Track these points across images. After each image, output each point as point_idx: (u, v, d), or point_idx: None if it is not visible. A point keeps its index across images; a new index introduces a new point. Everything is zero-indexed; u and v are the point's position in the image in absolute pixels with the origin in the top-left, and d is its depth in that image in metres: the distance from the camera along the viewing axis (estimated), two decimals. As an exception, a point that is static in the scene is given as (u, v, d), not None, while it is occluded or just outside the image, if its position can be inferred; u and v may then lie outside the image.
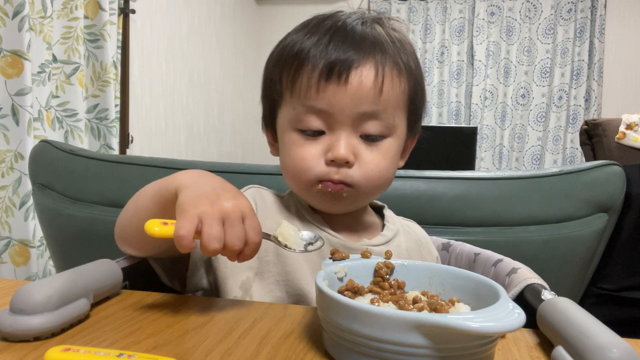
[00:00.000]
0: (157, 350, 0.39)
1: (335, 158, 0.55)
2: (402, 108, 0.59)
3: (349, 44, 0.55)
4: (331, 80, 0.54)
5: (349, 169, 0.57)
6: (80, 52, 1.94)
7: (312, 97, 0.56)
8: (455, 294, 0.44)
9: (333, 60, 0.54)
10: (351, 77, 0.54)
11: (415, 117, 0.63)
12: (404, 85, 0.58)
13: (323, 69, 0.55)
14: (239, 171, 1.00)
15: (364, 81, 0.54)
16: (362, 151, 0.57)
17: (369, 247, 0.62)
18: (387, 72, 0.56)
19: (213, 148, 3.33)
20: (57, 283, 0.42)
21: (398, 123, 0.59)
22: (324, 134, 0.57)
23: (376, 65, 0.55)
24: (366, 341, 0.35)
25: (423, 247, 0.69)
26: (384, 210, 0.70)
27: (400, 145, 0.61)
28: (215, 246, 0.43)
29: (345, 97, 0.54)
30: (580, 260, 1.01)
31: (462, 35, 3.74)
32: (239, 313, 0.47)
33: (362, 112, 0.55)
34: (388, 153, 0.58)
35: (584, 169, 1.01)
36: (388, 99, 0.56)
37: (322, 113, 0.56)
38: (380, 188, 0.61)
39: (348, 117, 0.55)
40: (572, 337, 0.37)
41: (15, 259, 1.69)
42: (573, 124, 3.59)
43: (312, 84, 0.55)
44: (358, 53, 0.55)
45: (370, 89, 0.55)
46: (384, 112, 0.56)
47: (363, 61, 0.55)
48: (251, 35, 3.87)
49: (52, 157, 1.10)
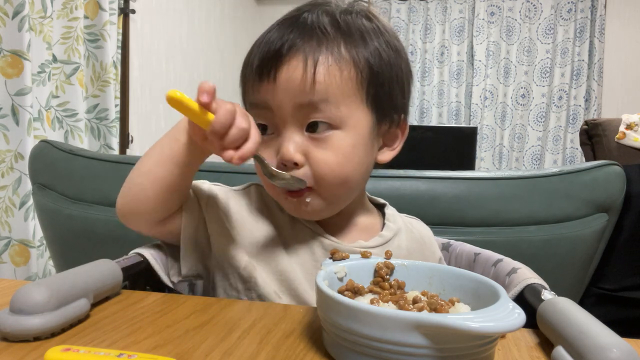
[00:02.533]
0: (157, 350, 0.39)
1: (282, 160, 0.55)
2: (352, 97, 0.55)
3: (285, 34, 0.55)
4: (262, 78, 0.55)
5: (299, 171, 0.55)
6: (80, 52, 1.94)
7: (251, 94, 0.58)
8: (455, 294, 0.44)
9: (263, 57, 0.55)
10: (279, 73, 0.54)
11: (386, 104, 0.59)
12: (349, 73, 0.55)
13: (255, 68, 0.56)
14: (239, 171, 1.00)
15: (292, 74, 0.54)
16: (311, 150, 0.55)
17: (366, 249, 0.60)
18: (321, 61, 0.53)
19: (213, 148, 3.33)
20: (57, 283, 0.42)
21: (348, 115, 0.55)
22: (274, 134, 0.57)
23: (305, 56, 0.54)
24: (366, 341, 0.35)
25: (426, 246, 0.68)
26: (385, 209, 0.68)
27: (360, 139, 0.56)
28: (228, 117, 0.46)
29: (278, 92, 0.54)
30: (580, 260, 1.01)
31: (462, 35, 3.74)
32: (239, 313, 0.47)
33: (298, 104, 0.54)
34: (340, 148, 0.55)
35: (584, 169, 1.01)
36: (325, 89, 0.53)
37: (263, 109, 0.56)
38: (344, 186, 0.57)
39: (287, 112, 0.55)
40: (572, 337, 0.37)
41: (15, 259, 1.69)
42: (573, 124, 3.59)
43: (249, 82, 0.57)
44: (288, 44, 0.54)
45: (300, 81, 0.53)
46: (323, 102, 0.54)
47: (292, 53, 0.54)
48: (251, 35, 3.86)
49: (52, 157, 1.10)
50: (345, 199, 0.60)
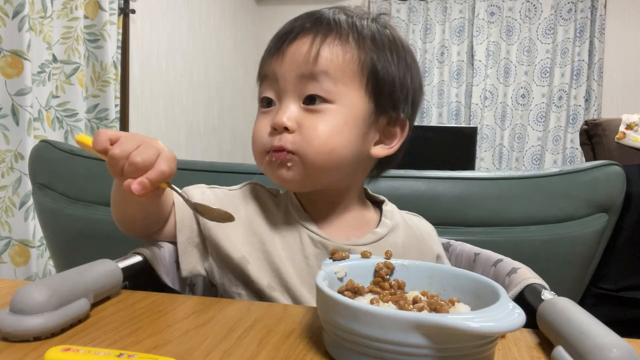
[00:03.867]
0: (157, 350, 0.39)
1: (274, 124, 0.58)
2: (351, 79, 0.58)
3: (300, 23, 0.60)
4: (273, 53, 0.61)
5: (289, 136, 0.57)
6: (80, 52, 1.94)
7: (263, 68, 0.62)
8: (455, 294, 0.44)
9: (276, 39, 0.61)
10: (288, 47, 0.59)
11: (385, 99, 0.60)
12: (352, 56, 0.58)
13: (270, 47, 0.62)
14: (239, 171, 1.00)
15: (299, 49, 0.58)
16: (305, 119, 0.58)
17: (356, 246, 0.61)
18: (327, 41, 0.58)
19: (213, 148, 3.33)
20: (57, 283, 0.42)
21: (344, 92, 0.58)
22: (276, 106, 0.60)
23: (314, 36, 0.58)
24: (366, 341, 0.35)
25: (424, 242, 0.68)
26: (383, 205, 0.69)
27: (352, 119, 0.59)
28: (105, 145, 0.49)
29: (284, 63, 0.59)
30: (580, 260, 1.01)
31: (462, 35, 3.74)
32: (239, 313, 0.47)
33: (300, 74, 0.58)
34: (331, 120, 0.57)
35: (584, 169, 1.01)
36: (327, 63, 0.57)
37: (271, 82, 0.61)
38: (328, 159, 0.58)
39: (289, 83, 0.59)
40: (572, 337, 0.37)
41: (15, 259, 1.69)
42: (573, 124, 3.59)
43: (264, 59, 0.62)
44: (301, 26, 0.60)
45: (305, 54, 0.58)
46: (322, 74, 0.57)
47: (303, 33, 0.59)
48: (251, 35, 3.87)
49: (52, 157, 1.10)
50: (327, 175, 0.60)
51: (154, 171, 0.50)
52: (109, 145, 0.49)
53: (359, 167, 0.63)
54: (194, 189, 0.65)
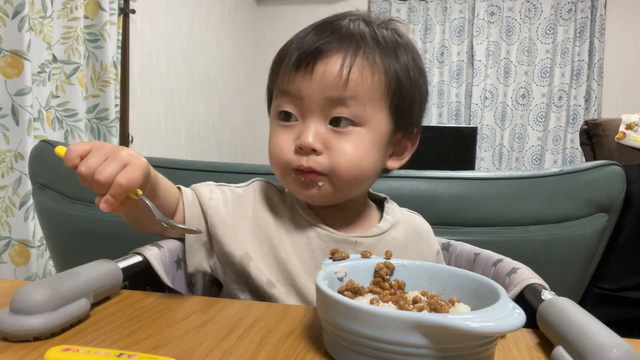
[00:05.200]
0: (157, 350, 0.39)
1: (301, 144, 0.58)
2: (378, 100, 0.59)
3: (324, 36, 0.59)
4: (300, 69, 0.59)
5: (318, 157, 0.58)
6: (80, 52, 1.94)
7: (285, 83, 0.60)
8: (455, 294, 0.44)
9: (303, 52, 0.59)
10: (317, 66, 0.58)
11: (405, 115, 0.62)
12: (380, 78, 0.59)
13: (294, 60, 0.59)
14: (239, 171, 1.00)
15: (329, 69, 0.57)
16: (332, 140, 0.58)
17: (361, 238, 0.63)
18: (356, 62, 0.57)
19: (213, 148, 3.33)
20: (57, 283, 0.42)
21: (372, 115, 0.59)
22: (298, 122, 0.60)
23: (344, 56, 0.57)
24: (366, 341, 0.35)
25: (423, 239, 0.70)
26: (385, 202, 0.71)
27: (377, 139, 0.60)
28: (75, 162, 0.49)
29: (312, 84, 0.58)
30: (580, 260, 1.01)
31: (462, 35, 3.74)
32: (239, 313, 0.47)
33: (329, 97, 0.57)
34: (359, 142, 0.58)
35: (584, 169, 1.01)
36: (357, 87, 0.57)
37: (294, 98, 0.59)
38: (357, 179, 0.60)
39: (316, 103, 0.58)
40: (572, 337, 0.37)
41: (15, 259, 1.69)
42: (573, 124, 3.58)
43: (286, 73, 0.60)
44: (329, 44, 0.58)
45: (335, 77, 0.57)
46: (352, 99, 0.57)
47: (332, 52, 0.58)
48: (251, 36, 3.87)
49: (52, 157, 1.10)
50: (353, 191, 0.63)
51: (113, 187, 0.50)
52: (79, 162, 0.49)
53: (375, 177, 0.65)
54: (202, 187, 0.66)
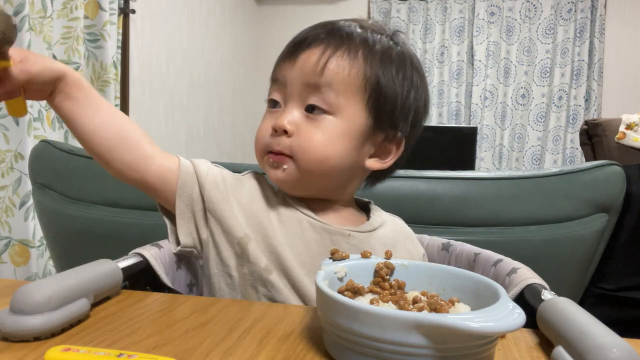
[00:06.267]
0: (157, 350, 0.39)
1: (275, 126, 0.61)
2: (353, 93, 0.60)
3: (316, 30, 0.62)
4: (285, 59, 0.63)
5: (288, 140, 0.60)
6: (80, 52, 1.94)
7: (276, 72, 0.64)
8: (455, 294, 0.44)
9: (293, 43, 0.63)
10: (301, 55, 0.61)
11: (385, 116, 0.62)
12: (357, 72, 0.60)
13: (286, 50, 0.64)
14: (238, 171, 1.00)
15: (309, 58, 0.60)
16: (303, 125, 0.60)
17: (354, 232, 0.63)
18: (337, 54, 0.60)
19: (213, 148, 3.33)
20: (57, 283, 0.42)
21: (346, 105, 0.60)
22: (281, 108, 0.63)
23: (326, 47, 0.60)
24: (366, 341, 0.35)
25: (409, 239, 0.71)
26: (370, 205, 0.71)
27: (349, 131, 0.60)
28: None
29: (294, 70, 0.61)
30: (580, 260, 1.01)
31: (462, 35, 3.74)
32: (239, 313, 0.47)
33: (305, 82, 0.60)
34: (327, 130, 0.60)
35: (584, 169, 1.01)
36: (332, 76, 0.59)
37: (280, 86, 0.63)
38: (323, 165, 0.60)
39: (295, 88, 0.61)
40: (572, 337, 0.37)
41: (15, 259, 1.69)
42: (573, 124, 3.59)
43: (278, 63, 0.65)
44: (317, 37, 0.61)
45: (314, 64, 0.60)
46: (326, 86, 0.59)
47: (317, 43, 0.61)
48: (251, 35, 3.87)
49: (52, 157, 1.10)
50: (319, 180, 0.62)
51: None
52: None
53: (354, 175, 0.65)
54: (200, 162, 0.65)
